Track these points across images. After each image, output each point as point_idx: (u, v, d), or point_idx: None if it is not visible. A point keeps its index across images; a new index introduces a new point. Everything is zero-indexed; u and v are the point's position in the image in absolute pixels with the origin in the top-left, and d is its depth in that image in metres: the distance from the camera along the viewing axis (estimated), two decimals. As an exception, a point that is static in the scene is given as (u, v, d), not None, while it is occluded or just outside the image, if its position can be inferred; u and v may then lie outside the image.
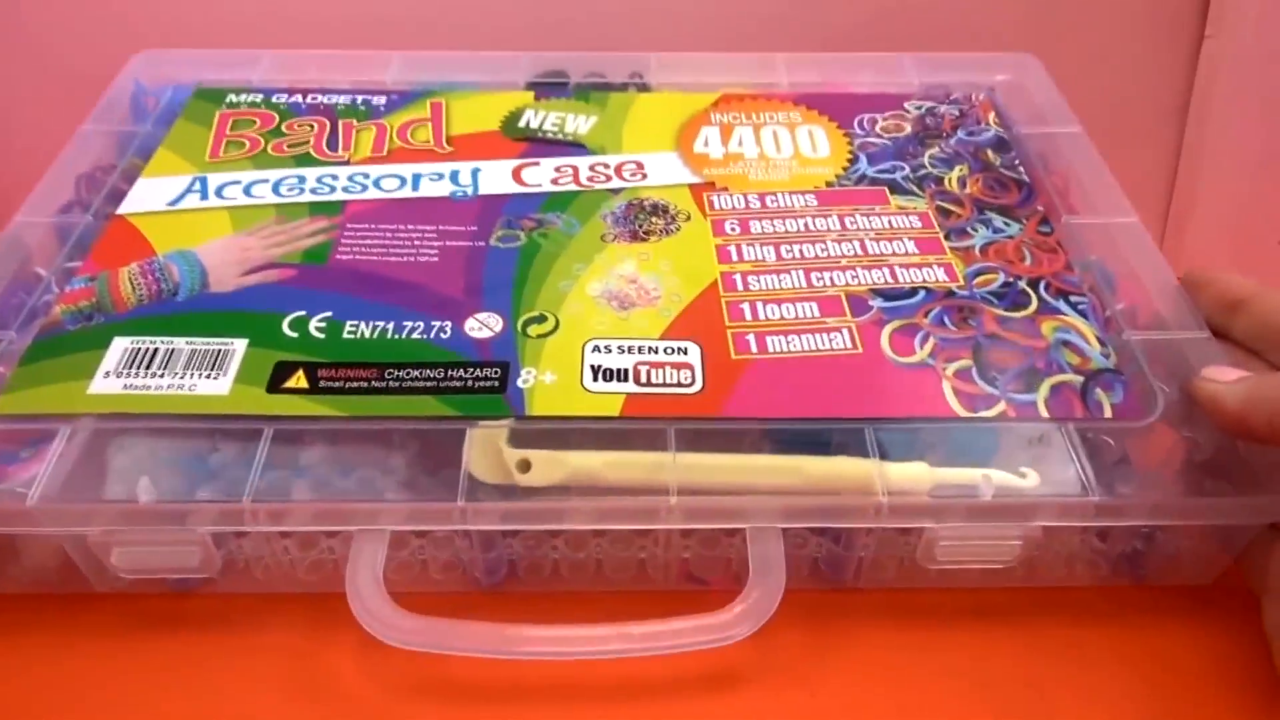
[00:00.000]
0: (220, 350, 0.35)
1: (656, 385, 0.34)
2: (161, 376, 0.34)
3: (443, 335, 0.36)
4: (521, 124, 0.46)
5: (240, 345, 0.35)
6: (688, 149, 0.45)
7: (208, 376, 0.34)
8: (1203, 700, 0.33)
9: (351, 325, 0.36)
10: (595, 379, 0.34)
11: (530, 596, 0.35)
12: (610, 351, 0.35)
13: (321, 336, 0.35)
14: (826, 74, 0.51)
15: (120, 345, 0.35)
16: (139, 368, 0.34)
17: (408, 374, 0.34)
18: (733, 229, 0.41)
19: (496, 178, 0.43)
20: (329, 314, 0.36)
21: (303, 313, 0.36)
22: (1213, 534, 0.34)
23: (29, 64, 0.60)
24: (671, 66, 0.51)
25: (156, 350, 0.35)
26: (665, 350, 0.35)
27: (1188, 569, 0.35)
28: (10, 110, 0.61)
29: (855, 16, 0.58)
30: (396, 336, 0.36)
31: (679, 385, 0.34)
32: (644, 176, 0.43)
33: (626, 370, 0.34)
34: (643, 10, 0.57)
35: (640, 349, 0.35)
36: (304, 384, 0.34)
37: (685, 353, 0.35)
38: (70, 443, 0.32)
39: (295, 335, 0.35)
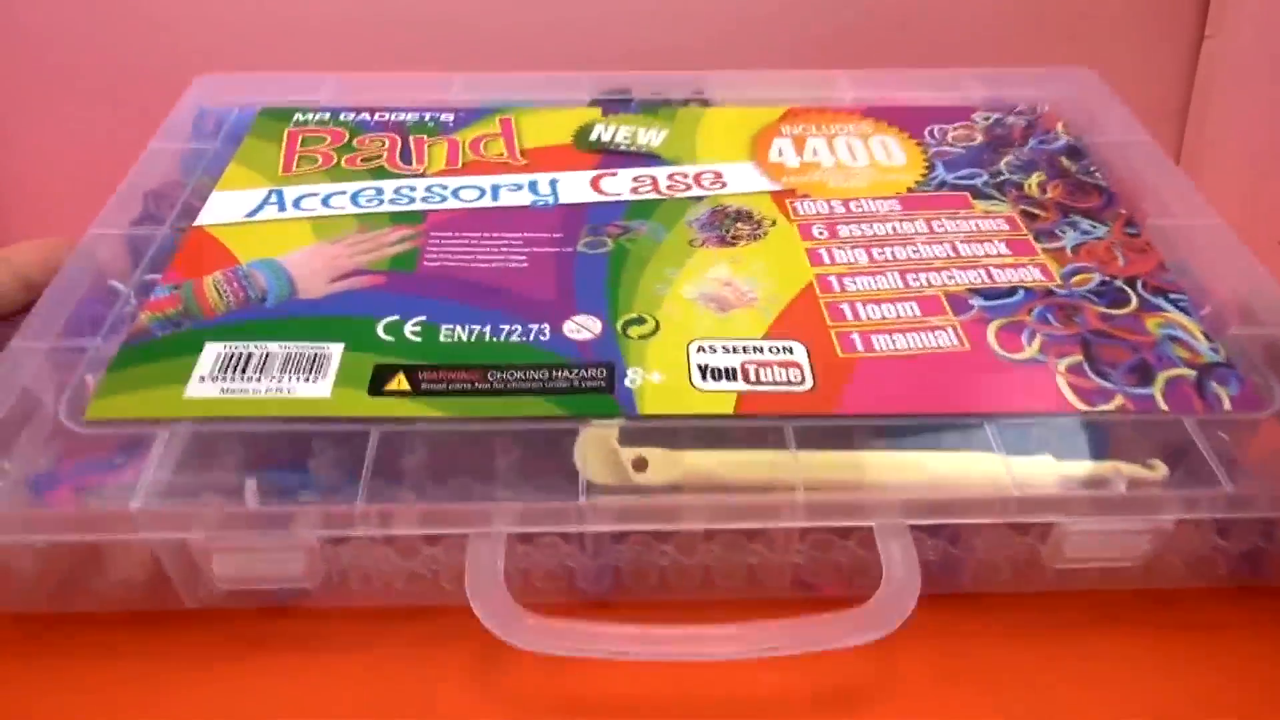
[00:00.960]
0: (316, 354, 0.34)
1: (766, 384, 0.33)
2: (258, 380, 0.33)
3: (541, 338, 0.35)
4: (593, 138, 0.46)
5: (336, 350, 0.34)
6: (763, 159, 0.45)
7: (306, 380, 0.33)
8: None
9: (447, 329, 0.35)
10: (704, 379, 0.33)
11: (637, 606, 0.34)
12: (715, 351, 0.34)
13: (418, 340, 0.35)
14: (887, 89, 0.51)
15: (213, 350, 0.34)
16: (234, 371, 0.33)
17: (511, 375, 0.33)
18: (820, 233, 0.40)
19: (575, 187, 0.43)
20: (423, 318, 0.35)
21: (396, 317, 0.35)
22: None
23: (66, 85, 0.60)
24: (732, 84, 0.51)
25: (251, 355, 0.34)
26: (770, 350, 0.34)
27: (1309, 567, 0.35)
28: (63, 133, 0.61)
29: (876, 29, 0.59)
30: (494, 339, 0.35)
31: (789, 384, 0.33)
32: (724, 185, 0.43)
33: (734, 369, 0.34)
34: (700, 31, 0.57)
35: (745, 348, 0.34)
36: (405, 386, 0.33)
37: (791, 351, 0.34)
38: (169, 448, 0.31)
39: (391, 339, 0.35)
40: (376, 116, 0.47)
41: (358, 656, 0.33)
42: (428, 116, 0.47)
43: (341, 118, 0.47)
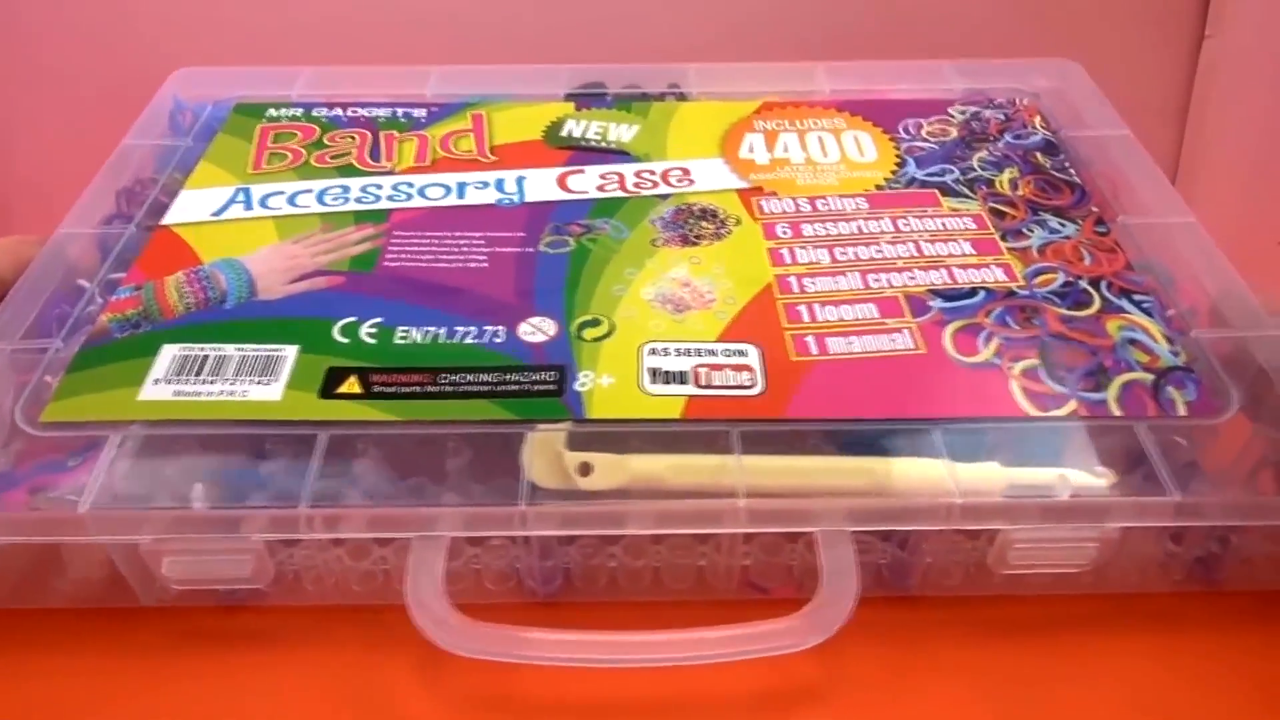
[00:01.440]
0: (271, 356, 0.34)
1: (717, 387, 0.33)
2: (212, 383, 0.33)
3: (496, 340, 0.35)
4: (564, 133, 0.46)
5: (291, 351, 0.34)
6: (733, 155, 0.44)
7: (259, 382, 0.33)
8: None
9: (403, 331, 0.35)
10: (654, 381, 0.33)
11: (587, 607, 0.34)
12: (668, 354, 0.34)
13: (373, 342, 0.35)
14: (866, 82, 0.50)
15: (169, 353, 0.34)
16: (189, 374, 0.33)
17: (462, 378, 0.33)
18: (784, 232, 0.40)
19: (542, 185, 0.43)
20: (380, 320, 0.36)
21: (353, 319, 0.36)
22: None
23: (61, 84, 0.61)
24: (709, 77, 0.50)
25: (206, 357, 0.34)
26: (724, 352, 0.34)
27: (1264, 574, 0.34)
28: (44, 128, 0.62)
29: (873, 24, 0.58)
30: (449, 341, 0.35)
31: (740, 387, 0.33)
32: (691, 182, 0.43)
33: (685, 373, 0.34)
34: (678, 22, 0.57)
35: (698, 351, 0.34)
36: (357, 389, 0.33)
37: (744, 354, 0.34)
38: (120, 450, 0.32)
39: (346, 341, 0.35)
40: (349, 112, 0.47)
41: (312, 653, 0.33)
42: (400, 112, 0.47)
43: (314, 113, 0.47)
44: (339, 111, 0.47)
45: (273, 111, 0.47)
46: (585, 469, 0.31)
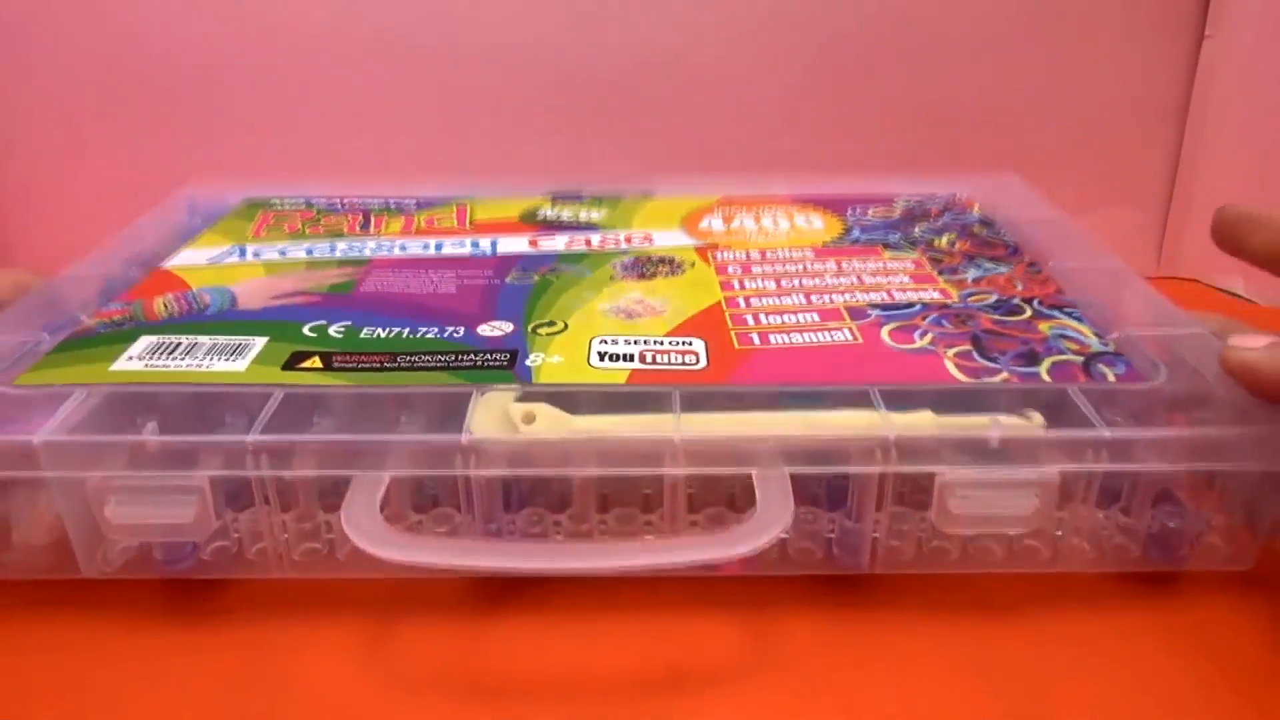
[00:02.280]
0: (241, 344, 0.36)
1: (662, 365, 0.35)
2: (182, 360, 0.35)
3: (455, 335, 0.37)
4: (539, 216, 0.50)
5: (260, 340, 0.36)
6: (693, 228, 0.48)
7: (227, 360, 0.35)
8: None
9: (369, 330, 0.37)
10: (602, 361, 0.35)
11: (532, 582, 0.33)
12: (617, 343, 0.36)
13: (339, 337, 0.37)
14: (821, 192, 0.55)
15: (146, 340, 0.36)
16: (162, 354, 0.35)
17: (419, 357, 0.35)
18: (734, 270, 0.43)
19: (513, 245, 0.46)
20: (348, 323, 0.38)
21: (323, 322, 0.38)
22: (1244, 507, 0.33)
23: (79, 192, 0.65)
24: (678, 186, 0.55)
25: (180, 343, 0.36)
26: (670, 342, 0.36)
27: (1223, 552, 0.34)
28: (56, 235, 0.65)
29: (848, 147, 0.63)
30: (411, 336, 0.37)
31: (684, 365, 0.35)
32: (651, 243, 0.46)
33: (632, 354, 0.35)
34: (649, 145, 0.63)
35: (646, 341, 0.36)
36: (318, 365, 0.35)
37: (690, 344, 0.36)
38: (83, 404, 0.33)
39: (314, 335, 0.37)
40: (345, 202, 0.52)
41: (253, 630, 0.32)
42: (392, 202, 0.52)
43: (313, 202, 0.52)
44: (336, 202, 0.52)
45: (276, 202, 0.52)
46: (529, 418, 0.32)
